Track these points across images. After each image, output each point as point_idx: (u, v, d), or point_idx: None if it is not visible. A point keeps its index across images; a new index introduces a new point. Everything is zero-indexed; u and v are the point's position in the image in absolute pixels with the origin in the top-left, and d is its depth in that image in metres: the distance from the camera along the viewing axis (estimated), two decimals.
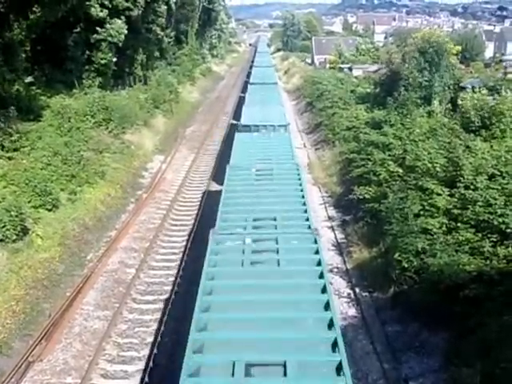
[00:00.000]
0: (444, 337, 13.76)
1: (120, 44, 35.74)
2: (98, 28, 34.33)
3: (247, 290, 10.49)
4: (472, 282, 13.85)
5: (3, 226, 17.61)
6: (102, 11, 33.44)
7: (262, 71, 56.17)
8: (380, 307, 16.15)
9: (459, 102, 30.16)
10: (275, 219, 13.99)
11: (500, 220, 15.88)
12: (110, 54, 35.80)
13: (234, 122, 41.90)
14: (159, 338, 14.89)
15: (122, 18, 35.69)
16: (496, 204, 16.61)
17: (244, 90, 51.10)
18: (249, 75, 59.69)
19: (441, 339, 13.77)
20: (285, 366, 8.27)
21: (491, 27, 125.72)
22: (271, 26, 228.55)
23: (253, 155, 21.27)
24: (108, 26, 34.57)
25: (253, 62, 77.77)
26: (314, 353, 8.79)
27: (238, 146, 22.95)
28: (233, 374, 8.19)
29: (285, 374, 8.20)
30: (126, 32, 35.58)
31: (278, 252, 12.06)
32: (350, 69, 58.00)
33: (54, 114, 28.50)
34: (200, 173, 31.04)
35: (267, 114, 29.50)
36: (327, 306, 9.83)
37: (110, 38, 34.75)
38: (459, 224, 16.79)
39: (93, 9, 33.00)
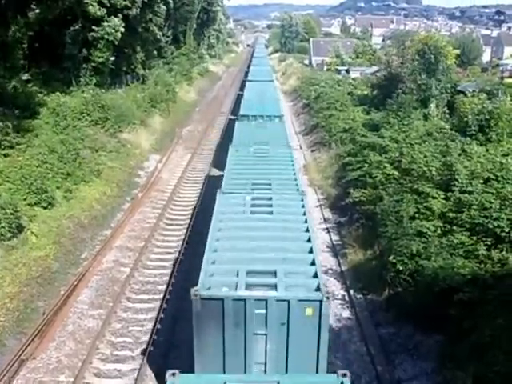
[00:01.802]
0: (437, 339, 13.79)
1: (116, 42, 35.68)
2: (94, 27, 34.29)
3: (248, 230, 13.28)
4: (466, 285, 13.89)
5: None
6: (99, 9, 33.38)
7: (259, 70, 56.73)
8: (374, 309, 16.18)
9: (456, 105, 30.30)
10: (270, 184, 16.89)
11: (495, 224, 15.92)
12: (108, 53, 35.76)
13: (232, 116, 42.34)
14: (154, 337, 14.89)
15: (120, 16, 35.63)
16: (491, 208, 16.65)
17: (242, 89, 51.20)
18: (246, 75, 59.98)
19: (434, 342, 13.81)
20: (275, 273, 10.96)
21: (488, 31, 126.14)
22: (269, 26, 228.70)
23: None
24: (105, 23, 34.52)
25: (251, 61, 77.93)
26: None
27: (239, 130, 26.11)
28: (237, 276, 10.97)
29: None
30: (122, 30, 35.50)
31: (271, 206, 14.76)
32: (348, 71, 58.20)
33: (50, 111, 28.49)
34: (196, 172, 31.05)
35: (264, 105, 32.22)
36: (309, 240, 12.67)
37: (106, 36, 34.70)
38: (454, 227, 16.83)
39: (91, 7, 32.94)
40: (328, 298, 10.36)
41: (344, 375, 7.73)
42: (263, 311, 10.41)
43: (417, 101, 32.72)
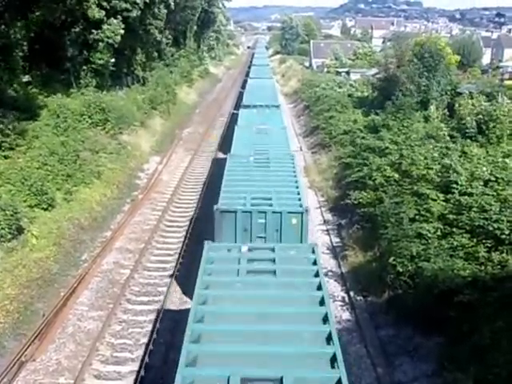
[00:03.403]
0: (438, 341, 13.78)
1: (116, 44, 35.72)
2: (93, 30, 34.29)
3: None
4: (466, 287, 13.88)
5: None
6: (99, 12, 33.34)
7: (259, 69, 57.46)
8: (374, 311, 16.17)
9: (456, 107, 30.31)
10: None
11: (495, 226, 15.92)
12: (108, 55, 35.77)
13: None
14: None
15: (119, 18, 35.64)
16: (491, 210, 16.66)
17: (242, 88, 51.45)
18: (247, 74, 60.49)
19: (434, 344, 13.79)
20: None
21: (489, 34, 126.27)
22: (270, 28, 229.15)
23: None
24: (104, 26, 34.54)
25: (251, 62, 78.19)
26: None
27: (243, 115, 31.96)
28: (245, 199, 15.50)
29: None
30: (122, 32, 35.50)
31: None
32: (348, 73, 58.21)
33: (50, 113, 28.49)
34: (196, 174, 31.06)
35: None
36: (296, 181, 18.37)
37: (105, 39, 34.73)
38: (454, 229, 16.84)
39: (90, 10, 32.90)
40: (307, 211, 15.74)
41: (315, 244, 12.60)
42: (263, 220, 15.61)
43: (417, 103, 32.73)
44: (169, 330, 15.22)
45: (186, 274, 17.79)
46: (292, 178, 18.84)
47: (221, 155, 32.88)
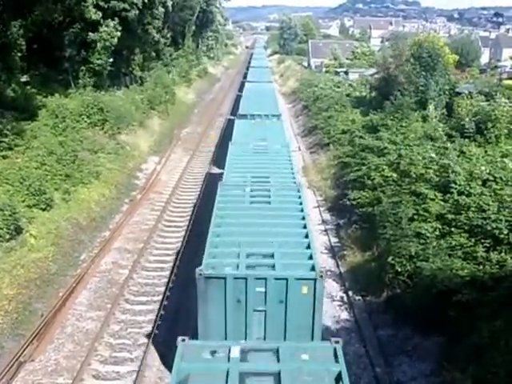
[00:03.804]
0: (436, 341, 13.78)
1: (113, 47, 35.73)
2: (90, 33, 34.28)
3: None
4: (465, 286, 13.89)
5: None
6: (96, 13, 33.27)
7: (258, 71, 57.15)
8: (373, 311, 16.18)
9: (455, 107, 30.33)
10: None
11: (493, 225, 15.92)
12: (106, 55, 35.75)
13: (230, 116, 42.51)
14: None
15: (116, 19, 35.62)
16: (489, 209, 16.67)
17: (240, 90, 51.39)
18: (245, 76, 60.26)
19: (433, 343, 13.80)
20: (272, 255, 11.87)
21: (487, 33, 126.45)
22: (268, 28, 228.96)
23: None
24: (101, 28, 34.53)
25: (249, 62, 78.11)
26: None
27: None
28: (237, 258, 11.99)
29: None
30: (118, 35, 35.53)
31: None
32: (346, 72, 58.24)
33: (49, 113, 28.47)
34: (195, 174, 31.06)
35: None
36: (305, 226, 13.86)
37: (102, 42, 34.73)
38: (453, 229, 16.84)
39: (87, 10, 32.83)
40: (322, 276, 11.38)
41: (337, 342, 8.57)
42: (263, 289, 11.40)
43: (415, 102, 32.74)
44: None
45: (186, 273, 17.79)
46: (300, 222, 14.23)
47: (220, 154, 32.87)
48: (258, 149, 22.39)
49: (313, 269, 11.57)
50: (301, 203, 15.49)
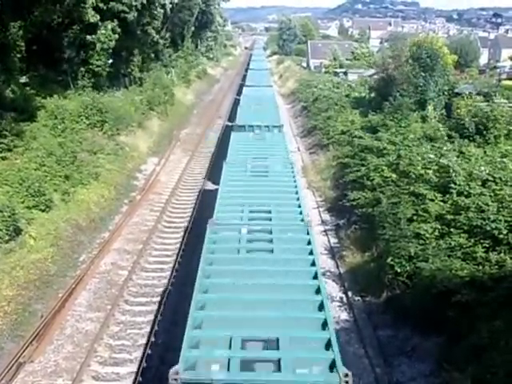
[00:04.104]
0: (436, 341, 13.78)
1: (111, 50, 35.74)
2: (88, 36, 34.29)
3: None
4: (464, 287, 13.88)
5: None
6: (94, 16, 33.22)
7: (257, 74, 56.89)
8: (372, 311, 16.18)
9: (454, 107, 30.35)
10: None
11: (493, 226, 15.90)
12: (106, 56, 35.76)
13: (228, 122, 42.34)
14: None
15: (116, 21, 35.62)
16: (489, 210, 16.67)
17: (239, 92, 51.36)
18: (244, 78, 60.15)
19: (432, 344, 13.80)
20: (278, 341, 8.79)
21: (486, 34, 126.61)
22: (267, 29, 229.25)
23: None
24: (99, 31, 34.53)
25: (248, 64, 78.13)
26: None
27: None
28: (230, 347, 8.66)
29: (278, 348, 8.75)
30: (116, 37, 35.55)
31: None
32: (346, 73, 58.31)
33: (48, 114, 28.46)
34: (194, 175, 31.06)
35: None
36: (318, 291, 10.58)
37: (100, 44, 34.75)
38: (452, 229, 16.82)
39: (85, 13, 32.76)
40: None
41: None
42: None
43: (414, 103, 32.75)
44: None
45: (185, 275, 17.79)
46: (313, 289, 10.60)
47: (219, 155, 32.86)
48: (256, 170, 18.75)
49: (332, 367, 8.37)
50: (311, 252, 11.86)
